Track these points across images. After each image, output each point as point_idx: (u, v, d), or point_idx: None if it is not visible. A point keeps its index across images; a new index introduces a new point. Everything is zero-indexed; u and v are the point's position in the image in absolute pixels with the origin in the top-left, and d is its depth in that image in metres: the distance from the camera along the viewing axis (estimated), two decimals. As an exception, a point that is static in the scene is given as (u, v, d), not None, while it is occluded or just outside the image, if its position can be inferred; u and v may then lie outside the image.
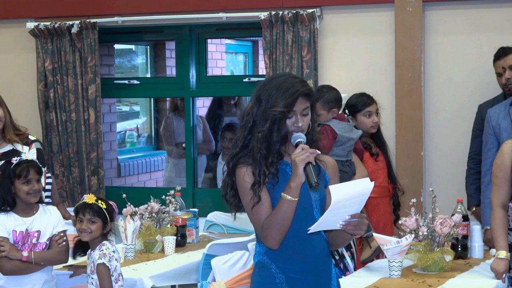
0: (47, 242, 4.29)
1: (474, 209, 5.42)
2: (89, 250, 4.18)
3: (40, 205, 4.41)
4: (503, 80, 5.28)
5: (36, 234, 4.28)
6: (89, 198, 4.13)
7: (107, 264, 4.03)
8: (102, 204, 4.11)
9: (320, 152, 3.16)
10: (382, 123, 5.52)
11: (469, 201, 5.52)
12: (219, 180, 7.51)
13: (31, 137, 4.99)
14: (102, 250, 4.08)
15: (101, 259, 4.02)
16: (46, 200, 4.83)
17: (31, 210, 4.36)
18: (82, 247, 4.37)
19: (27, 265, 4.20)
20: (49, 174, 5.26)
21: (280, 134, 3.13)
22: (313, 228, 3.05)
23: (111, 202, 4.22)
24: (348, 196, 3.01)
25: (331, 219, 3.03)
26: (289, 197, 3.04)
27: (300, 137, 3.14)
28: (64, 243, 4.31)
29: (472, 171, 5.55)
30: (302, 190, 3.14)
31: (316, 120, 3.33)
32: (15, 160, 4.28)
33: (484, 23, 6.07)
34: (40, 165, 4.46)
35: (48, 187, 5.14)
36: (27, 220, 4.32)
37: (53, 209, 4.42)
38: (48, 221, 4.36)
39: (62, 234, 4.32)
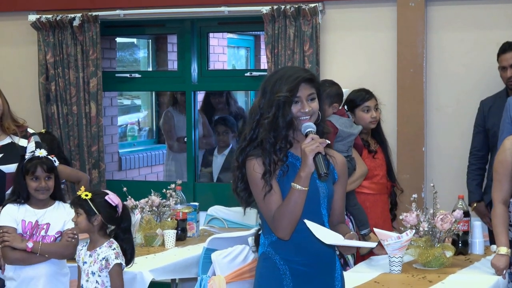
0: (56, 236, 4.32)
1: (475, 205, 5.42)
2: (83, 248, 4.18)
3: (57, 201, 4.43)
4: (508, 74, 5.30)
5: (45, 227, 4.31)
6: (81, 192, 4.13)
7: (123, 264, 4.04)
8: (87, 196, 4.07)
9: (329, 142, 3.17)
10: (383, 119, 5.54)
11: (470, 197, 5.52)
12: (215, 174, 7.58)
13: (30, 130, 4.99)
14: (115, 249, 4.05)
15: (117, 258, 4.00)
16: None
17: (45, 204, 4.39)
18: None
19: (30, 256, 4.22)
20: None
21: (286, 119, 3.15)
22: (309, 224, 3.06)
23: (111, 196, 4.12)
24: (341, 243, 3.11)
25: (323, 235, 3.08)
26: (299, 187, 3.06)
27: (310, 126, 3.15)
28: (73, 238, 4.32)
29: (474, 167, 5.56)
30: (311, 185, 3.16)
31: (325, 112, 3.34)
32: (28, 155, 4.34)
33: (487, 19, 6.06)
34: (53, 162, 4.50)
35: None
36: (38, 212, 4.36)
37: (67, 206, 4.40)
38: (60, 216, 4.39)
39: (73, 230, 4.32)
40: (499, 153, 4.43)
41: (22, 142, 4.85)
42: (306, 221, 3.06)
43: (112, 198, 4.09)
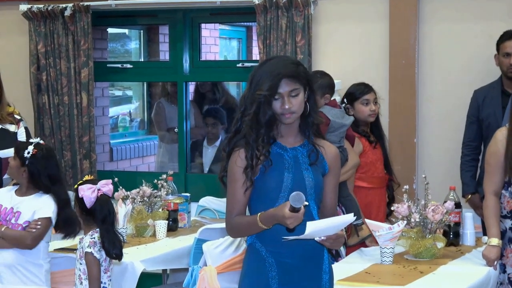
0: (24, 225, 4.29)
1: (469, 196, 5.43)
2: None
3: (40, 192, 4.40)
4: (511, 60, 5.30)
5: (16, 214, 4.31)
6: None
7: (95, 254, 4.03)
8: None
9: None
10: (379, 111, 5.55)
11: (464, 189, 5.53)
12: (206, 165, 7.62)
13: (17, 116, 5.01)
14: (94, 238, 4.07)
15: (90, 247, 4.02)
16: None
17: (25, 192, 4.39)
18: (67, 230, 4.42)
19: None
20: None
21: (266, 117, 3.16)
22: (289, 239, 3.09)
23: (82, 187, 4.12)
24: (323, 230, 3.06)
25: (307, 237, 3.07)
26: (263, 226, 3.11)
27: (298, 200, 3.03)
28: (34, 229, 4.28)
29: (467, 158, 5.57)
30: (297, 179, 3.21)
31: (317, 102, 3.34)
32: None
33: (479, 11, 6.07)
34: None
35: None
36: (17, 199, 4.36)
37: (45, 198, 4.39)
38: (32, 206, 4.36)
39: (38, 221, 4.30)
40: (490, 145, 4.45)
41: (12, 127, 4.86)
42: (284, 238, 3.10)
43: (81, 189, 4.09)
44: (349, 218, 3.12)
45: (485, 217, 4.42)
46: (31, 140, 4.49)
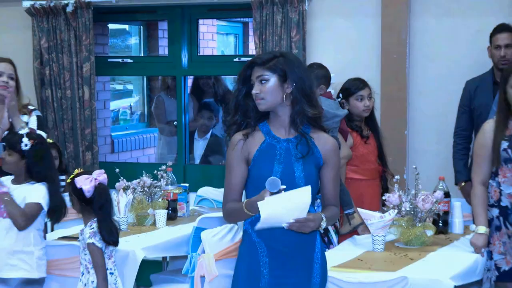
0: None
1: (463, 184, 5.45)
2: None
3: (32, 181, 4.44)
4: (502, 53, 5.31)
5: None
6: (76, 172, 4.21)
7: (97, 244, 4.05)
8: (71, 177, 4.15)
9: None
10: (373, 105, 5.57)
11: (457, 177, 5.56)
12: (197, 157, 7.66)
13: (30, 107, 5.06)
14: (93, 228, 4.09)
15: (91, 238, 4.05)
16: None
17: (19, 181, 4.43)
18: (57, 216, 4.50)
19: None
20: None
21: (246, 104, 3.29)
22: (258, 227, 3.13)
23: (77, 179, 4.13)
24: (280, 211, 3.05)
25: (274, 222, 3.08)
26: (248, 212, 3.16)
27: (274, 185, 3.08)
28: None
29: (460, 147, 5.57)
30: (287, 170, 3.24)
31: (312, 95, 3.35)
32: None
33: (470, 6, 6.06)
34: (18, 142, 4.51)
35: None
36: (13, 187, 4.41)
37: (36, 187, 4.43)
38: (24, 193, 4.40)
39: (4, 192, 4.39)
40: (478, 136, 4.46)
41: (25, 118, 4.91)
42: (256, 227, 3.15)
43: (79, 180, 4.09)
44: (306, 190, 3.09)
45: (473, 206, 4.43)
46: (20, 132, 4.49)
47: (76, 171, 4.25)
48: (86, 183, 4.07)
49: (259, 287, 3.26)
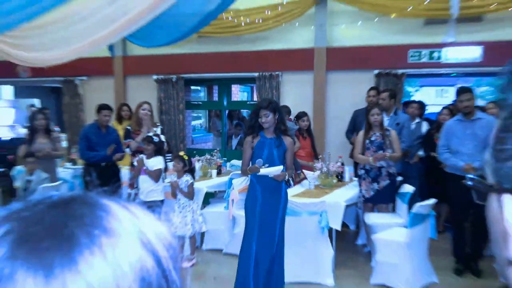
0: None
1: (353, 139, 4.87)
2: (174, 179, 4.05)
3: (158, 156, 4.16)
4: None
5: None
6: (181, 153, 4.14)
7: (191, 181, 4.01)
8: (186, 157, 4.08)
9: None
10: (310, 124, 5.43)
11: (348, 136, 5.33)
12: (233, 146, 7.53)
13: (157, 123, 4.97)
14: (189, 177, 4.02)
15: (190, 180, 4.00)
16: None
17: (150, 156, 4.14)
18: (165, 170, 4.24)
19: None
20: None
21: (255, 124, 3.22)
22: (261, 173, 3.12)
23: (192, 159, 4.10)
24: (268, 172, 3.10)
25: (266, 173, 3.10)
26: (249, 172, 3.16)
27: (258, 163, 3.14)
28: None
29: (349, 134, 5.28)
30: (270, 152, 3.18)
31: (284, 119, 3.32)
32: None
33: (355, 80, 5.95)
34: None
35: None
36: (148, 160, 4.16)
37: (159, 158, 4.17)
38: (152, 163, 4.12)
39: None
40: (358, 136, 4.24)
41: (155, 129, 4.73)
42: (261, 170, 3.11)
43: (193, 160, 4.12)
44: (279, 168, 3.12)
45: (361, 160, 4.15)
46: (151, 134, 4.24)
47: (182, 153, 4.14)
48: (194, 161, 4.16)
49: (256, 204, 3.24)
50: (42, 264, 0.31)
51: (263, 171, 3.11)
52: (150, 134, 4.39)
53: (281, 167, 3.15)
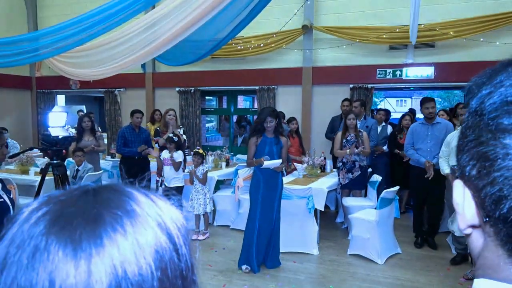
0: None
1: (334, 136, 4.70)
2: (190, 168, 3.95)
3: (177, 150, 3.94)
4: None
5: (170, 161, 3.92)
6: (200, 150, 4.04)
7: (206, 170, 3.94)
8: (203, 152, 3.98)
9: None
10: (298, 126, 5.39)
11: (328, 136, 5.23)
12: (238, 143, 7.44)
13: (180, 125, 4.86)
14: (204, 167, 3.95)
15: (205, 169, 3.93)
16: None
17: (171, 150, 3.95)
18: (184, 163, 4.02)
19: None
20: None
21: (261, 127, 3.16)
22: (264, 165, 3.07)
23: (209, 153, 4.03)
24: (272, 164, 3.04)
25: (268, 166, 3.04)
26: (254, 164, 3.10)
27: (266, 157, 3.06)
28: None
29: (329, 135, 5.19)
30: (270, 148, 3.12)
31: (281, 123, 3.29)
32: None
33: (334, 93, 5.89)
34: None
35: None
36: (174, 154, 3.94)
37: (180, 152, 3.93)
38: (175, 156, 3.91)
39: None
40: (336, 137, 4.18)
41: (179, 129, 4.67)
42: (264, 164, 3.07)
43: (208, 154, 3.96)
44: (279, 161, 3.06)
45: (339, 154, 4.07)
46: (172, 135, 4.01)
47: (200, 150, 4.04)
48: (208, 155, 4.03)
49: (259, 190, 3.18)
50: (71, 239, 0.31)
51: (267, 163, 3.07)
52: (171, 135, 4.32)
53: (281, 160, 3.12)
